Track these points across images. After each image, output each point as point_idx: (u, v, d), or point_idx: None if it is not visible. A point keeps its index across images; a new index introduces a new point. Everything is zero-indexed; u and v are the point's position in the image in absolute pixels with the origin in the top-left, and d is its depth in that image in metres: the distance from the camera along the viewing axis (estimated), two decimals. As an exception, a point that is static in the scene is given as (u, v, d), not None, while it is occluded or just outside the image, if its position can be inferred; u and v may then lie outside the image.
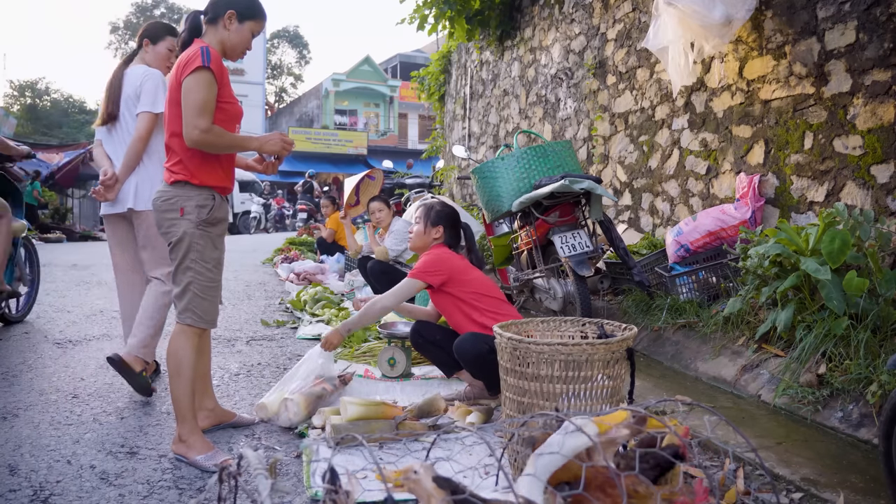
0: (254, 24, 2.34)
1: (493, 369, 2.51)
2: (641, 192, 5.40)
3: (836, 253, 2.70)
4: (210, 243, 2.30)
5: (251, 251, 9.97)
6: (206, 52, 2.19)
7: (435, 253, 2.93)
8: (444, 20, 7.94)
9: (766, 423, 2.53)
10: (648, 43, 4.26)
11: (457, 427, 1.37)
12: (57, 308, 5.01)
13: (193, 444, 2.23)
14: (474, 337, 2.68)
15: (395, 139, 29.14)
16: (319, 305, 5.05)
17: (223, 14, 2.29)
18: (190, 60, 2.19)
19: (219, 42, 2.31)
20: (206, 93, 2.17)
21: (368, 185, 6.08)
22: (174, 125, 2.26)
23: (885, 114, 3.23)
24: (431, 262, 2.87)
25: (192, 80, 2.17)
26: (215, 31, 2.31)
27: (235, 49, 2.34)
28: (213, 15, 2.31)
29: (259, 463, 1.13)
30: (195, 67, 2.16)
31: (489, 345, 2.54)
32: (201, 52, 2.18)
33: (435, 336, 2.95)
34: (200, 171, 2.27)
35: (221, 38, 2.31)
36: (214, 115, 2.22)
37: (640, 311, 3.99)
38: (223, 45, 2.32)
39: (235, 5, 2.29)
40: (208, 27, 2.32)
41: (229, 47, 2.33)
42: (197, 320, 2.29)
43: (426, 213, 3.03)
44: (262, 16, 2.37)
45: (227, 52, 2.35)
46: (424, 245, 3.03)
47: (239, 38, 2.33)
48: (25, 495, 1.97)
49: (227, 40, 2.32)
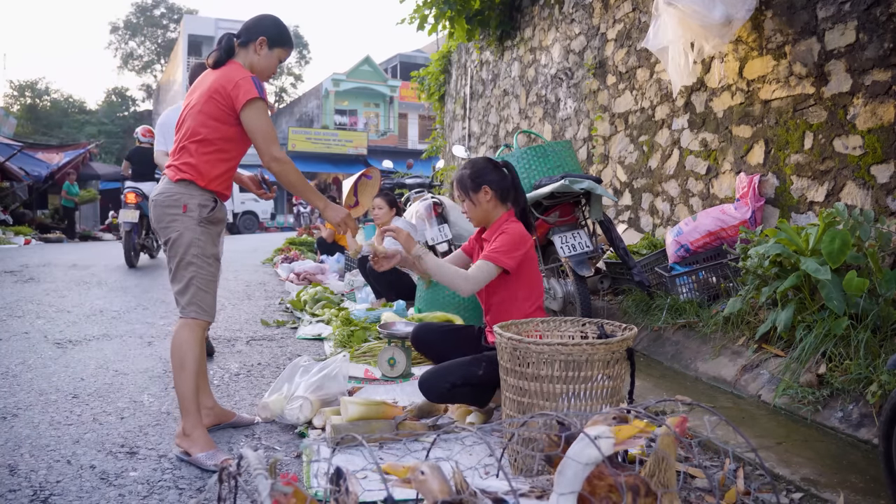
0: (281, 51, 2.50)
1: (466, 397, 2.52)
2: (641, 192, 5.40)
3: (836, 253, 2.70)
4: (210, 240, 2.40)
5: (251, 251, 9.98)
6: (258, 84, 2.34)
7: (514, 229, 2.54)
8: (444, 20, 7.94)
9: (766, 423, 2.53)
10: (648, 43, 4.26)
11: (457, 427, 1.37)
12: (57, 308, 5.01)
13: (196, 439, 2.26)
14: (435, 375, 2.50)
15: (395, 139, 29.13)
16: (319, 305, 5.05)
17: (255, 39, 2.43)
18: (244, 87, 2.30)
19: (248, 65, 2.46)
20: (268, 124, 2.36)
21: (367, 184, 6.07)
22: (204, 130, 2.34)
23: (885, 114, 3.23)
24: (513, 242, 2.49)
25: (254, 112, 2.32)
26: (246, 55, 2.46)
27: (263, 73, 2.49)
28: (245, 39, 2.45)
29: (259, 463, 1.13)
30: (253, 98, 2.30)
31: (450, 381, 2.43)
32: (254, 83, 2.32)
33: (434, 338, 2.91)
34: (209, 176, 2.37)
35: (252, 61, 2.45)
36: (240, 133, 2.38)
37: (640, 311, 3.99)
38: (252, 67, 2.46)
39: (267, 33, 2.44)
40: (240, 49, 2.46)
41: (258, 71, 2.47)
42: (201, 313, 2.38)
43: (462, 185, 2.63)
44: (290, 45, 2.54)
45: (255, 74, 2.47)
46: (486, 215, 2.64)
47: (267, 63, 2.47)
48: (25, 495, 1.97)
49: (256, 64, 2.46)
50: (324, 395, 2.67)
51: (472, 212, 2.65)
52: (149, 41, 37.96)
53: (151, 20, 37.37)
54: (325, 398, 2.67)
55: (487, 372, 2.42)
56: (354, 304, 5.20)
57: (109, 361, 3.56)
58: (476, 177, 2.62)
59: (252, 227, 19.53)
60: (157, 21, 37.49)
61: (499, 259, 2.46)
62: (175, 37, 34.93)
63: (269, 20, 2.49)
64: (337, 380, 2.77)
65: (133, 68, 38.36)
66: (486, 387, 2.49)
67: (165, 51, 36.99)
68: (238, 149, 2.43)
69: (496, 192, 2.61)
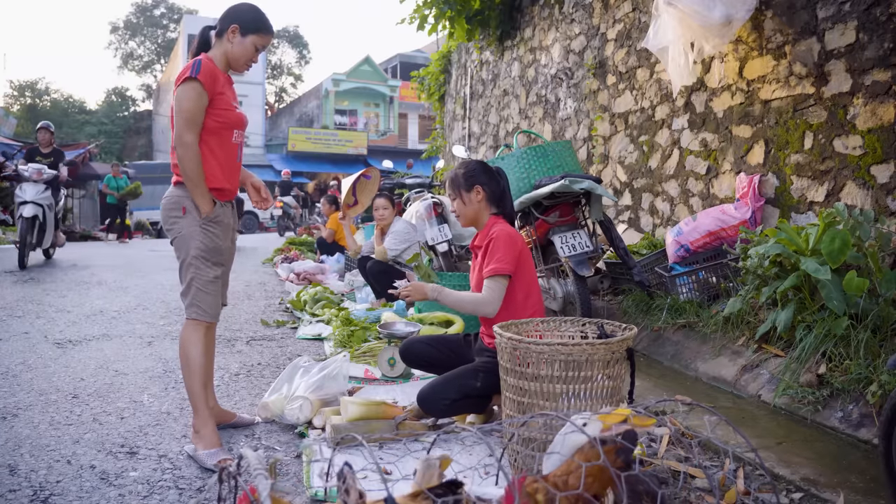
0: (257, 37, 2.44)
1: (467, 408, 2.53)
2: (641, 192, 5.40)
3: (836, 253, 2.70)
4: (211, 241, 2.38)
5: (251, 251, 9.98)
6: (196, 64, 2.31)
7: (505, 233, 2.55)
8: (444, 20, 7.94)
9: (766, 423, 2.53)
10: (648, 43, 4.25)
11: (457, 427, 1.37)
12: (57, 308, 5.01)
13: (204, 436, 2.29)
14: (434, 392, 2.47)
15: (395, 139, 29.12)
16: (319, 305, 5.06)
17: (227, 28, 2.40)
18: (182, 72, 2.32)
19: (222, 54, 2.43)
20: (192, 104, 2.29)
21: (366, 184, 6.07)
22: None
23: (885, 114, 3.23)
24: (506, 246, 2.50)
25: (180, 91, 2.30)
26: (220, 45, 2.43)
27: (238, 61, 2.44)
28: (219, 29, 2.43)
29: (259, 463, 1.13)
30: (184, 78, 2.29)
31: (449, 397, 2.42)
32: (193, 64, 2.31)
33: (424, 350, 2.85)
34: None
35: (225, 50, 2.43)
36: (210, 122, 2.34)
37: (640, 311, 3.99)
38: (226, 56, 2.43)
39: (239, 20, 2.40)
40: (216, 41, 2.45)
41: (232, 59, 2.44)
42: (202, 314, 2.38)
43: (455, 184, 2.66)
44: (265, 30, 2.46)
45: (231, 63, 2.45)
46: (475, 215, 2.66)
47: (241, 50, 2.42)
48: (25, 495, 1.97)
49: (229, 52, 2.42)
50: (324, 395, 2.68)
51: (462, 210, 2.68)
52: (149, 41, 37.95)
53: (151, 20, 37.36)
54: (325, 398, 2.67)
55: (485, 383, 2.42)
56: (354, 304, 5.21)
57: (109, 361, 3.56)
58: (470, 176, 2.65)
59: (252, 227, 19.53)
60: (157, 21, 37.47)
61: (500, 269, 2.48)
62: (175, 37, 34.92)
63: (243, 7, 2.43)
64: (337, 380, 2.77)
65: (133, 68, 38.36)
66: (485, 395, 2.49)
67: (165, 51, 36.99)
68: (217, 141, 2.37)
69: (488, 193, 2.64)
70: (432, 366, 2.84)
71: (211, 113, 2.34)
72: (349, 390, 2.92)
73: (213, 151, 2.37)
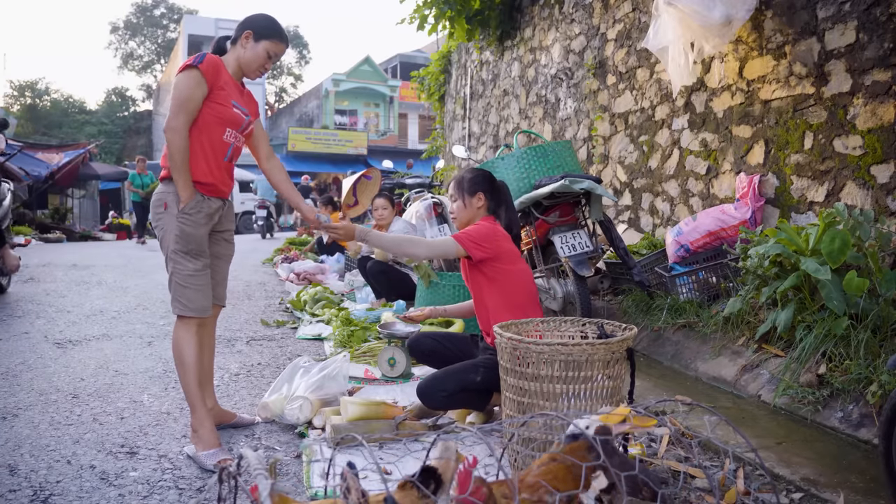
0: (269, 44, 2.45)
1: (465, 402, 2.52)
2: (641, 192, 5.40)
3: (836, 253, 2.70)
4: (190, 234, 2.34)
5: (251, 251, 9.97)
6: (201, 55, 2.33)
7: (490, 227, 2.62)
8: (444, 20, 7.94)
9: (766, 423, 2.53)
10: (648, 43, 4.25)
11: (457, 427, 1.37)
12: (57, 308, 5.01)
13: (202, 436, 2.29)
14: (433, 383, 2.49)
15: (395, 139, 29.12)
16: (319, 305, 5.06)
17: (241, 34, 2.45)
18: (185, 62, 2.34)
19: (235, 59, 2.47)
20: (188, 90, 2.29)
21: (366, 184, 6.07)
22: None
23: (885, 114, 3.23)
24: (484, 234, 2.57)
25: (178, 78, 2.32)
26: (234, 51, 2.48)
27: (249, 65, 2.47)
28: (234, 36, 2.48)
29: (259, 463, 1.13)
30: (185, 66, 2.32)
31: (448, 389, 2.43)
32: (197, 55, 2.34)
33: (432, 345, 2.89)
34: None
35: (238, 55, 2.46)
36: (204, 114, 2.34)
37: (640, 311, 3.99)
38: (239, 62, 2.46)
39: (253, 26, 2.44)
40: (231, 48, 2.49)
41: (244, 64, 2.46)
42: (183, 309, 2.36)
43: (459, 186, 2.73)
44: (279, 37, 2.47)
45: (244, 68, 2.48)
46: (470, 219, 2.73)
47: (253, 55, 2.44)
48: (25, 495, 1.97)
49: (242, 57, 2.46)
50: (324, 395, 2.68)
51: (460, 212, 2.74)
52: (149, 41, 37.95)
53: (151, 20, 37.36)
54: (325, 398, 2.67)
55: (485, 378, 2.42)
56: (354, 304, 5.20)
57: (109, 361, 3.56)
58: (476, 182, 2.72)
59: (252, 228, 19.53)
60: (157, 21, 37.47)
61: (463, 241, 2.53)
62: (175, 37, 34.92)
63: (258, 15, 2.48)
64: (337, 380, 2.77)
65: (133, 68, 38.35)
66: (485, 391, 2.49)
67: (165, 51, 36.99)
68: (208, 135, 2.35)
69: (489, 202, 2.72)
70: (439, 361, 2.85)
71: (207, 105, 2.34)
72: (349, 390, 2.92)
73: (202, 145, 2.36)
